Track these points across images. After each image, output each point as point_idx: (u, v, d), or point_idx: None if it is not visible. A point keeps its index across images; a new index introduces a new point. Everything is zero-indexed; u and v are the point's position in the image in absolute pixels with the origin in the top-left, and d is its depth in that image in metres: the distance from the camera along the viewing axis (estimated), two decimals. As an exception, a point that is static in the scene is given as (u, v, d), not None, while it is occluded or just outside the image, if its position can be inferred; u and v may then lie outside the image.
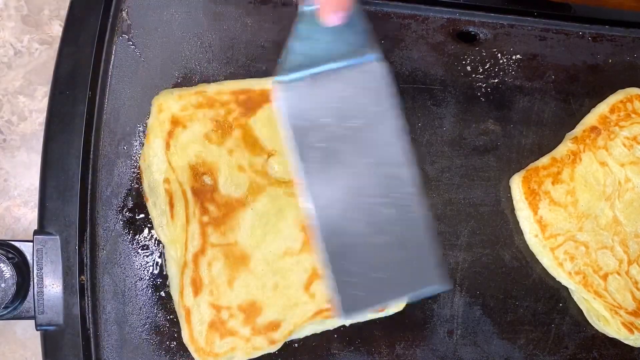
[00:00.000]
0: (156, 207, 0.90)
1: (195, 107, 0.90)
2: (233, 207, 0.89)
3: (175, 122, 0.89)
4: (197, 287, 0.88)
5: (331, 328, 0.95)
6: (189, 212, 0.88)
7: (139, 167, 0.92)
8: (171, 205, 0.89)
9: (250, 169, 0.91)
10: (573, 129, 1.06)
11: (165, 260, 0.92)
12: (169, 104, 0.89)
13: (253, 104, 0.92)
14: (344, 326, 0.97)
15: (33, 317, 0.85)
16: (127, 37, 0.94)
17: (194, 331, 0.87)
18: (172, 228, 0.89)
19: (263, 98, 0.92)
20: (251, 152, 0.91)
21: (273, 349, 0.91)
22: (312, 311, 0.91)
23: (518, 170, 1.04)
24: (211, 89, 0.92)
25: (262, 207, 0.90)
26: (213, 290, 0.88)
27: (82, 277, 0.88)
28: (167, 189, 0.89)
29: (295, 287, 0.91)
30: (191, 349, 0.88)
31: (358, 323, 0.96)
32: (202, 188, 0.89)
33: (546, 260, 1.02)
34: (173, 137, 0.89)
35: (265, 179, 0.91)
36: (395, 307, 0.96)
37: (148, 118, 0.92)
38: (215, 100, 0.91)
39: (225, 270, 0.89)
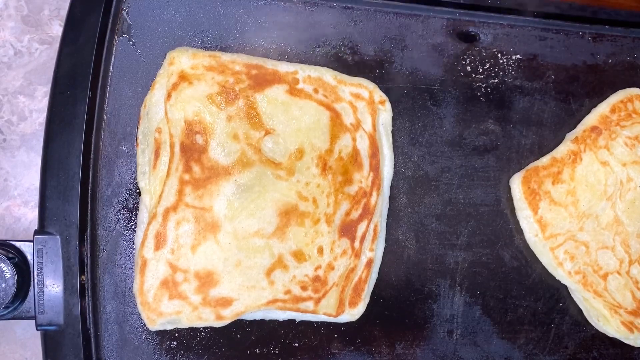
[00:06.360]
0: (144, 155, 0.90)
1: (206, 68, 0.90)
2: (217, 173, 0.89)
3: (183, 77, 0.89)
4: (159, 241, 0.87)
5: (280, 320, 0.95)
6: (172, 166, 0.87)
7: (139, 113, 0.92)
8: (156, 155, 0.88)
9: (244, 140, 0.90)
10: (573, 129, 1.06)
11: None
12: (180, 59, 0.89)
13: (263, 80, 0.92)
14: (344, 326, 0.97)
15: (33, 317, 0.85)
16: (127, 37, 0.94)
17: (145, 283, 0.86)
18: (152, 177, 0.88)
19: (275, 78, 0.92)
20: (250, 124, 0.90)
21: (219, 324, 0.89)
22: (267, 298, 0.90)
23: (518, 170, 1.04)
24: (225, 57, 0.92)
25: (246, 181, 0.89)
26: (175, 250, 0.87)
27: (82, 277, 0.88)
28: (157, 139, 0.88)
29: (257, 269, 0.90)
30: (138, 300, 0.87)
31: (358, 323, 0.96)
32: (191, 146, 0.88)
33: (546, 259, 1.02)
34: (176, 90, 0.88)
35: (256, 154, 0.90)
36: (349, 315, 0.95)
37: (148, 118, 0.92)
38: (226, 67, 0.91)
39: (192, 234, 0.88)
